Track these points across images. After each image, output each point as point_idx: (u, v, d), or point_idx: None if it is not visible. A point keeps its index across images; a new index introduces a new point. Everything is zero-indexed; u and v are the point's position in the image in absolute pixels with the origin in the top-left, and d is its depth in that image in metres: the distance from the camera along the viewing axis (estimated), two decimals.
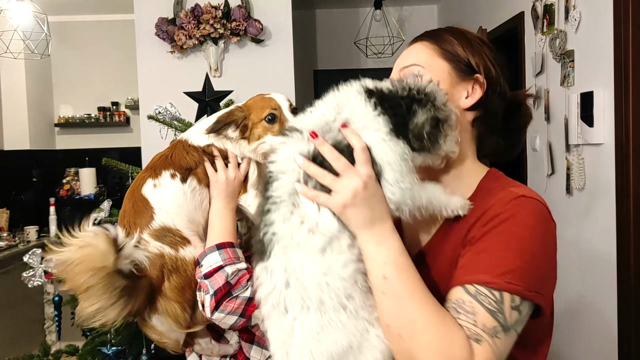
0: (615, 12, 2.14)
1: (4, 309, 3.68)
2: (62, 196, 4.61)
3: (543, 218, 0.89)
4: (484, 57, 1.00)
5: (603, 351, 2.34)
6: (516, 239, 0.85)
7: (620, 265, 2.17)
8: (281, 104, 1.20)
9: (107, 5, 4.53)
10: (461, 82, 0.98)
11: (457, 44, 1.00)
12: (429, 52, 1.00)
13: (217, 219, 1.19)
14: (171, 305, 1.13)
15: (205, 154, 1.21)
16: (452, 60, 0.99)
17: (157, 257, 1.11)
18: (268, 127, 1.18)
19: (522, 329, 0.84)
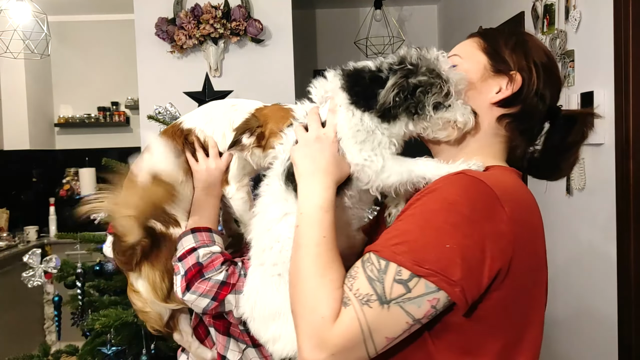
0: (615, 12, 2.14)
1: (4, 309, 3.68)
2: (62, 196, 4.61)
3: (469, 197, 0.80)
4: (528, 58, 0.98)
5: (603, 351, 2.34)
6: (425, 212, 0.81)
7: (620, 265, 2.17)
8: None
9: (107, 5, 4.53)
10: (495, 77, 0.97)
11: (502, 42, 1.00)
12: (472, 45, 1.02)
13: (197, 208, 1.21)
14: (153, 272, 1.18)
15: (187, 142, 1.22)
16: (491, 54, 0.99)
17: (150, 228, 1.18)
18: None
19: (423, 313, 0.78)
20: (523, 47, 0.99)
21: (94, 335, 1.87)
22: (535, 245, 0.87)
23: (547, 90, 0.98)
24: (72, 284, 1.92)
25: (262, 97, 2.99)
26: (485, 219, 0.79)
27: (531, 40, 1.01)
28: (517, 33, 1.03)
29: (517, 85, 0.96)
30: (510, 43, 0.99)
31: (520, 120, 0.97)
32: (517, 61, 0.97)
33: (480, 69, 0.98)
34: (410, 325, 0.78)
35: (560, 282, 2.75)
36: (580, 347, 2.57)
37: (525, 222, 0.84)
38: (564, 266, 2.70)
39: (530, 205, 0.90)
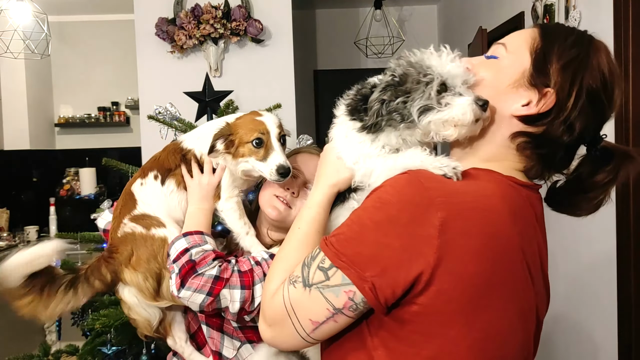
0: (615, 12, 2.15)
1: (4, 309, 3.67)
2: (62, 196, 4.61)
3: (401, 199, 0.79)
4: (575, 79, 0.87)
5: (603, 351, 2.35)
6: (361, 208, 0.85)
7: (620, 265, 2.18)
8: (270, 130, 1.25)
9: (107, 5, 4.53)
10: (529, 88, 0.89)
11: (558, 49, 0.89)
12: (526, 39, 0.91)
13: (190, 218, 1.27)
14: (135, 275, 1.24)
15: (184, 158, 1.31)
16: (537, 61, 0.89)
17: (129, 234, 1.26)
18: (254, 150, 1.24)
19: (342, 304, 0.81)
20: (579, 64, 0.87)
21: (94, 335, 1.87)
22: (486, 258, 0.79)
23: (581, 121, 0.87)
24: None
25: (262, 97, 3.01)
26: (412, 222, 0.77)
27: (595, 56, 0.89)
28: (583, 43, 0.90)
29: (548, 105, 0.88)
30: (566, 55, 0.88)
31: (537, 144, 0.90)
32: (560, 80, 0.87)
33: (517, 72, 0.90)
34: (333, 314, 0.82)
35: (560, 282, 2.75)
36: (580, 347, 2.57)
37: (467, 233, 0.77)
38: (563, 266, 2.70)
39: (493, 217, 0.81)
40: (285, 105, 2.46)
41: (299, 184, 1.33)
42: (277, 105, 2.25)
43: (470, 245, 0.78)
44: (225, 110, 2.15)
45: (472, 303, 0.79)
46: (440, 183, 0.82)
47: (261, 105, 2.26)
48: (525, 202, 0.89)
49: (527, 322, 0.87)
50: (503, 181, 0.88)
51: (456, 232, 0.77)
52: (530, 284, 0.86)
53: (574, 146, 0.92)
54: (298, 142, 2.07)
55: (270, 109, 2.22)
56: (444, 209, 0.77)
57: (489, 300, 0.80)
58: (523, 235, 0.84)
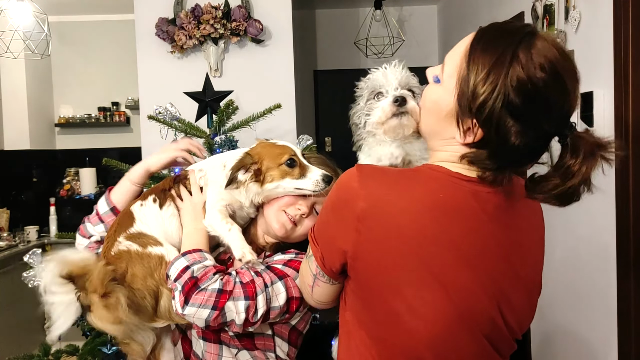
0: (615, 12, 2.14)
1: (4, 309, 3.68)
2: (62, 196, 4.61)
3: (338, 185, 0.99)
4: (493, 108, 0.87)
5: (603, 351, 2.35)
6: (328, 196, 1.03)
7: (620, 265, 2.18)
8: (296, 151, 1.32)
9: (107, 5, 4.53)
10: (458, 120, 0.92)
11: (475, 75, 0.89)
12: (458, 63, 0.92)
13: (187, 239, 1.29)
14: (131, 293, 1.21)
15: (176, 184, 1.37)
16: (460, 95, 0.91)
17: (124, 252, 1.26)
18: (287, 171, 1.28)
19: (315, 269, 1.05)
20: (500, 89, 0.86)
21: (94, 335, 1.88)
22: (392, 248, 0.91)
23: (523, 130, 0.87)
24: None
25: (262, 97, 3.00)
26: (344, 208, 0.95)
27: (529, 53, 0.87)
28: (515, 43, 0.88)
29: (479, 136, 0.90)
30: (487, 83, 0.87)
31: (484, 159, 0.92)
32: (486, 112, 0.87)
33: (449, 105, 0.93)
34: (314, 279, 1.06)
35: (560, 281, 2.75)
36: (580, 346, 2.57)
37: (380, 223, 0.91)
38: (563, 265, 2.70)
39: (405, 214, 0.90)
40: (285, 105, 2.46)
41: (309, 205, 1.32)
42: (277, 105, 2.25)
43: (380, 234, 0.91)
44: (225, 110, 2.15)
45: (383, 285, 0.93)
46: (374, 178, 0.94)
47: (261, 105, 2.27)
48: (467, 196, 0.93)
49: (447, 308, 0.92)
50: (443, 178, 0.94)
51: (372, 222, 0.91)
52: (455, 274, 0.91)
53: (534, 144, 0.92)
54: (298, 142, 2.07)
55: (270, 109, 2.23)
56: (366, 201, 0.92)
57: (396, 286, 0.92)
58: (448, 229, 0.91)
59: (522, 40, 0.88)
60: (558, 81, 0.87)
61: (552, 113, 0.89)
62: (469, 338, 0.94)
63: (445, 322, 0.92)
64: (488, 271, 0.94)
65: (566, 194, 0.91)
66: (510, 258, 0.97)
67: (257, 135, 2.19)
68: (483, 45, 0.90)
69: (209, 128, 2.19)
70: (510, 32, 0.90)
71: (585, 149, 0.89)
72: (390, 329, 0.95)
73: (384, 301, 0.94)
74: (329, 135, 5.19)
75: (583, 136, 0.89)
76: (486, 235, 0.94)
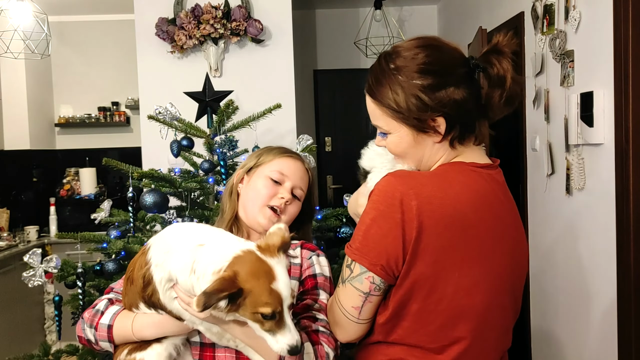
0: (615, 12, 2.15)
1: (4, 309, 3.68)
2: (62, 196, 4.60)
3: (381, 195, 1.03)
4: (414, 89, 1.04)
5: (603, 350, 2.35)
6: (363, 213, 1.07)
7: (620, 265, 2.18)
8: (285, 301, 1.03)
9: (108, 5, 4.53)
10: (424, 134, 1.08)
11: (387, 93, 1.06)
12: (380, 114, 1.09)
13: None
14: None
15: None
16: (399, 115, 1.06)
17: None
18: (260, 320, 1.03)
19: (368, 287, 1.03)
20: (392, 76, 1.05)
21: None
22: (447, 233, 1.02)
23: (450, 79, 1.04)
24: (72, 283, 1.92)
25: (262, 97, 3.00)
26: (396, 212, 1.00)
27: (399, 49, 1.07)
28: (382, 59, 1.09)
29: (442, 124, 1.05)
30: (387, 82, 1.06)
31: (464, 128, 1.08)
32: (416, 105, 1.04)
33: (410, 140, 1.09)
34: (365, 297, 1.05)
35: (560, 281, 2.75)
36: (580, 346, 2.57)
37: (433, 215, 1.00)
38: (563, 265, 2.70)
39: (450, 202, 1.02)
40: (285, 105, 2.46)
41: (289, 190, 1.34)
42: (277, 105, 2.25)
43: (435, 227, 1.00)
44: (225, 110, 2.15)
45: (439, 265, 1.01)
46: (412, 179, 1.03)
47: (261, 105, 2.27)
48: (488, 182, 1.09)
49: (492, 282, 1.07)
50: (467, 170, 1.08)
51: (428, 213, 1.00)
52: (489, 250, 1.06)
53: (468, 87, 1.06)
54: (298, 142, 2.07)
55: (270, 109, 2.23)
56: (417, 199, 1.00)
57: (452, 263, 1.02)
58: (485, 209, 1.06)
59: (385, 55, 1.09)
60: (430, 46, 1.07)
61: (452, 62, 1.06)
62: (499, 308, 1.09)
63: (485, 294, 1.05)
64: (511, 243, 1.10)
65: (511, 96, 1.07)
66: (518, 227, 1.14)
67: (257, 134, 2.19)
68: (370, 86, 1.09)
69: (209, 128, 2.19)
70: (374, 67, 1.11)
71: (493, 57, 1.06)
72: (439, 309, 1.03)
73: (436, 287, 1.02)
74: (329, 135, 5.19)
75: (483, 53, 1.07)
76: (505, 213, 1.10)
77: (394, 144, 1.10)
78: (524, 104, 3.13)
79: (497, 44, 1.06)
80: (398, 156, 1.13)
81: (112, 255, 1.93)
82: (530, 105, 3.04)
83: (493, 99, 1.07)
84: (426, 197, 1.00)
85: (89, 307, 1.26)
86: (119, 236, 2.00)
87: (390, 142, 1.11)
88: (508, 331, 1.14)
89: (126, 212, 2.05)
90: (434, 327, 1.04)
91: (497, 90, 1.06)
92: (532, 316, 3.15)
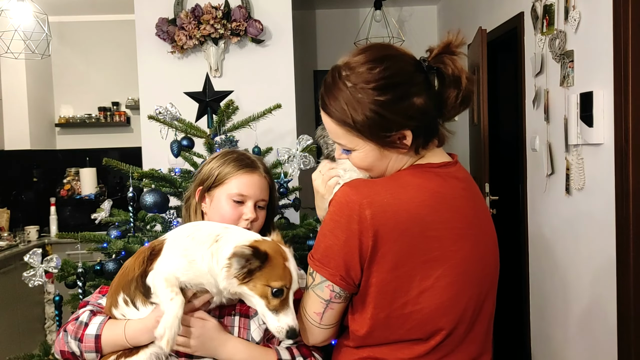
0: (615, 12, 2.15)
1: (4, 309, 3.69)
2: (62, 196, 4.61)
3: (337, 206, 1.05)
4: (376, 107, 1.02)
5: (603, 351, 2.35)
6: (322, 223, 1.10)
7: (620, 265, 2.18)
8: (293, 283, 1.15)
9: (108, 6, 4.53)
10: (388, 146, 1.07)
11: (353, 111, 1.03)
12: (343, 131, 1.06)
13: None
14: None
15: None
16: (365, 131, 1.04)
17: None
18: (267, 296, 1.11)
19: (328, 295, 1.07)
20: (347, 92, 1.03)
21: None
22: (402, 237, 1.02)
23: (410, 89, 1.03)
24: (72, 283, 1.93)
25: (262, 97, 3.00)
26: (351, 222, 1.02)
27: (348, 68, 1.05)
28: (333, 77, 1.07)
29: (408, 136, 1.05)
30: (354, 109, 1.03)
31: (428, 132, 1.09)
32: (380, 122, 1.02)
33: (373, 153, 1.08)
34: (326, 304, 1.08)
35: (559, 281, 2.76)
36: (580, 346, 2.57)
37: (387, 221, 1.01)
38: (563, 265, 2.70)
39: (403, 206, 1.03)
40: (285, 105, 2.46)
41: (251, 209, 1.36)
42: (277, 106, 2.25)
43: (391, 234, 1.01)
44: (226, 110, 2.15)
45: (399, 271, 1.03)
46: (367, 188, 1.04)
47: (261, 105, 2.27)
48: (446, 180, 1.09)
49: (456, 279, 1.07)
50: (422, 172, 1.08)
51: (381, 221, 1.01)
52: (452, 247, 1.06)
53: (427, 93, 1.06)
54: (298, 142, 2.07)
55: (270, 109, 2.23)
56: (370, 208, 1.01)
57: (412, 267, 1.03)
58: (443, 208, 1.06)
59: (337, 71, 1.06)
60: (383, 57, 1.05)
61: (408, 70, 1.04)
62: (472, 301, 1.10)
63: (451, 291, 1.05)
64: (476, 235, 1.10)
65: (467, 95, 1.07)
66: (483, 218, 1.14)
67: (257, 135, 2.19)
68: (326, 104, 1.07)
69: (209, 128, 2.19)
70: (328, 83, 1.08)
71: (446, 57, 1.05)
72: (406, 313, 1.05)
73: (399, 293, 1.04)
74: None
75: (435, 54, 1.06)
76: (467, 207, 1.10)
77: (359, 159, 1.10)
78: (524, 104, 3.14)
79: (450, 44, 1.04)
80: (363, 170, 1.13)
81: (112, 255, 1.94)
82: (530, 105, 3.04)
83: (449, 100, 1.06)
84: (380, 205, 1.01)
85: (68, 321, 1.26)
86: (119, 236, 2.01)
87: (354, 158, 1.10)
88: (486, 318, 1.14)
89: (126, 212, 2.05)
90: (408, 328, 1.06)
91: (454, 91, 1.05)
92: (532, 316, 3.15)
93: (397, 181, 1.06)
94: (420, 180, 1.06)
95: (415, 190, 1.04)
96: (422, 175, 1.07)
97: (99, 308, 1.29)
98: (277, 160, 2.15)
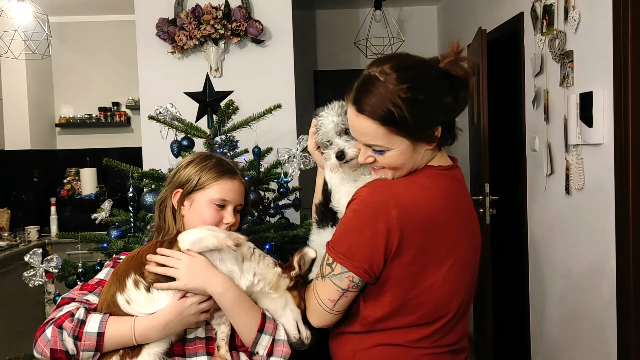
0: (615, 12, 2.15)
1: (4, 309, 3.69)
2: (62, 196, 4.61)
3: (362, 204, 1.16)
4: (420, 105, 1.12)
5: (602, 351, 2.35)
6: (343, 218, 1.22)
7: (620, 265, 2.18)
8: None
9: (108, 6, 4.54)
10: (421, 141, 1.17)
11: (399, 110, 1.12)
12: (387, 133, 1.14)
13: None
14: None
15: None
16: (410, 132, 1.14)
17: None
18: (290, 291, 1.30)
19: (346, 285, 1.18)
20: (403, 97, 1.12)
21: None
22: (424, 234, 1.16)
23: (449, 96, 1.16)
24: (73, 283, 1.93)
25: (262, 97, 3.00)
26: (378, 220, 1.13)
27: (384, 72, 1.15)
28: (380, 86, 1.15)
29: (438, 133, 1.17)
30: (406, 106, 1.12)
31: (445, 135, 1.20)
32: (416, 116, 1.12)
33: (408, 151, 1.17)
34: (343, 292, 1.19)
35: (559, 281, 2.76)
36: (579, 346, 2.58)
37: (412, 220, 1.14)
38: (562, 265, 2.71)
39: (425, 206, 1.16)
40: (285, 105, 2.46)
41: (230, 213, 1.39)
42: (277, 106, 2.25)
43: (414, 230, 1.14)
44: (226, 111, 2.15)
45: (417, 265, 1.17)
46: (390, 189, 1.17)
47: (261, 105, 2.27)
48: (453, 182, 1.24)
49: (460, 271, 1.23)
50: (433, 172, 1.21)
51: (406, 220, 1.14)
52: (461, 242, 1.22)
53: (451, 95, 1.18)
54: (298, 142, 2.07)
55: (270, 109, 2.23)
56: (396, 207, 1.14)
57: (426, 262, 1.17)
58: (451, 208, 1.21)
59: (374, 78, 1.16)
60: (414, 64, 1.17)
61: (436, 74, 1.16)
62: (468, 285, 1.26)
63: (458, 279, 1.22)
64: (471, 235, 1.27)
65: (468, 95, 1.21)
66: (475, 219, 1.30)
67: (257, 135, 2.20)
68: (370, 107, 1.14)
69: (209, 128, 2.19)
70: (368, 88, 1.17)
71: (455, 63, 1.17)
72: (419, 302, 1.19)
73: (414, 284, 1.18)
74: None
75: (452, 59, 1.18)
76: (466, 208, 1.27)
77: (394, 158, 1.17)
78: (524, 104, 3.14)
79: (460, 50, 1.18)
80: (393, 169, 1.20)
81: (112, 255, 1.94)
82: (530, 105, 3.04)
83: (459, 100, 1.19)
84: (404, 206, 1.14)
85: (57, 318, 1.23)
86: (120, 236, 2.01)
87: (388, 158, 1.18)
88: (472, 300, 1.33)
89: (127, 212, 2.05)
90: (420, 314, 1.20)
91: (463, 92, 1.19)
92: (532, 316, 3.15)
93: (415, 183, 1.18)
94: (434, 182, 1.20)
95: (432, 192, 1.18)
96: (435, 178, 1.20)
97: (87, 305, 1.27)
98: (277, 160, 2.15)
